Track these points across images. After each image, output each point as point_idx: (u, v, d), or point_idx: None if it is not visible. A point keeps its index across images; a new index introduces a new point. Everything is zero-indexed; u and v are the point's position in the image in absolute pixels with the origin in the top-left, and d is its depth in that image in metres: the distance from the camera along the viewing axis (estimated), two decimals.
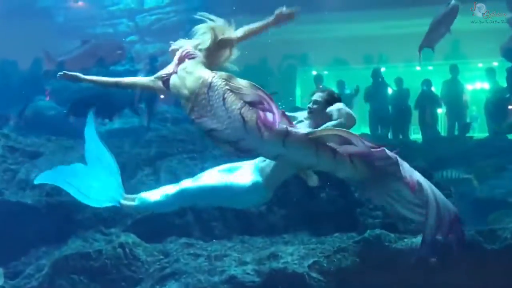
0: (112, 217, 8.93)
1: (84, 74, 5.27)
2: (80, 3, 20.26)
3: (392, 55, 18.93)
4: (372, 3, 16.78)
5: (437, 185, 7.61)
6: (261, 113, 4.58)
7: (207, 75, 4.81)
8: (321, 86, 17.36)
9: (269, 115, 4.57)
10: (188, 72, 4.90)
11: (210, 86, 4.70)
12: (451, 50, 18.70)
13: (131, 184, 9.45)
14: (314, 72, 18.86)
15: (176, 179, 9.58)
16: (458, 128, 15.29)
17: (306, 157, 4.66)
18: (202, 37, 5.08)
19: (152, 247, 8.15)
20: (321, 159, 4.67)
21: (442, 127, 16.40)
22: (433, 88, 15.47)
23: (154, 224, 8.56)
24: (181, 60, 5.03)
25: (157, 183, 9.35)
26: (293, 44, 18.70)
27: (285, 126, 4.58)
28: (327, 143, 4.67)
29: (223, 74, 4.81)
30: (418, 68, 17.01)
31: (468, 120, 16.14)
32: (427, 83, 15.23)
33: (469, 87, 17.49)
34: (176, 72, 4.99)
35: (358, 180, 4.87)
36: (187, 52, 5.02)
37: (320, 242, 7.96)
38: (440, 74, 16.36)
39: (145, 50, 18.11)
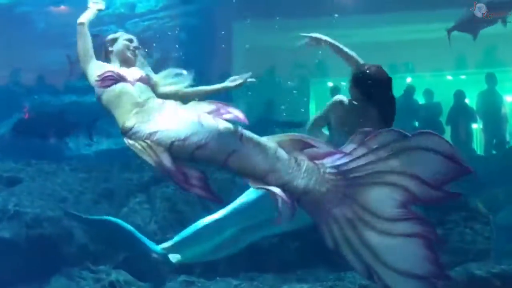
0: (101, 251, 8.96)
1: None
2: (62, 7, 20.42)
3: (419, 63, 18.97)
4: (395, 4, 16.85)
5: (474, 211, 7.62)
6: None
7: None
8: None
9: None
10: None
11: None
12: (486, 57, 18.73)
13: (122, 213, 9.51)
14: (331, 84, 18.91)
15: (173, 207, 9.69)
16: (496, 145, 15.27)
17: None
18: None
19: (146, 286, 8.15)
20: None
21: (477, 145, 16.39)
22: (467, 101, 15.49)
23: (149, 259, 8.56)
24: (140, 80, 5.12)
25: (152, 212, 9.42)
26: (306, 51, 18.80)
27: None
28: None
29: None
30: (449, 77, 17.10)
31: (507, 136, 16.11)
32: (460, 94, 15.26)
33: (508, 99, 17.47)
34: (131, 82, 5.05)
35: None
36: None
37: (338, 278, 7.95)
38: (475, 84, 16.38)
39: None
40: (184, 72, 5.39)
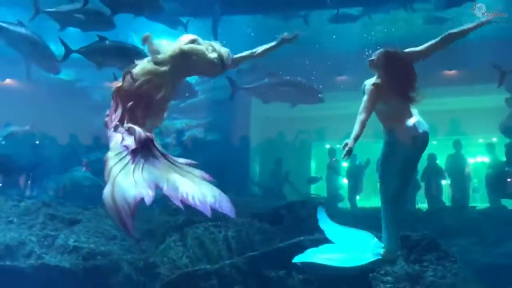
0: (143, 281, 8.94)
1: None
2: (115, 82, 20.70)
3: None
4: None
5: (444, 252, 7.57)
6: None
7: None
8: (334, 159, 17.52)
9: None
10: None
11: None
12: (452, 127, 18.86)
13: (159, 249, 9.50)
14: (328, 146, 19.03)
15: (202, 244, 9.67)
16: (461, 198, 15.25)
17: None
18: None
19: None
20: None
21: (446, 198, 16.33)
22: (437, 162, 15.52)
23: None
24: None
25: (185, 248, 9.41)
26: (309, 119, 18.98)
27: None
28: None
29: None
30: None
31: (470, 191, 16.10)
32: (433, 157, 15.29)
33: (471, 160, 17.48)
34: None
35: None
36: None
37: None
38: (444, 148, 16.42)
39: (173, 126, 18.38)
40: None
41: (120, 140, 4.74)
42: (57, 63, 12.86)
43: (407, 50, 5.78)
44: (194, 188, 4.90)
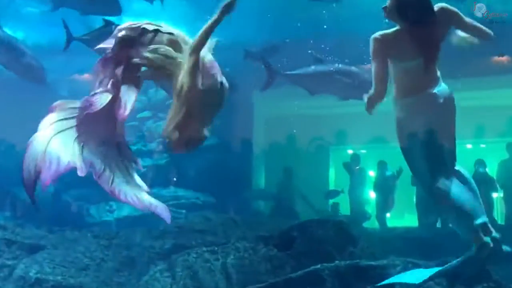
0: None
1: None
2: (86, 76, 20.79)
3: None
4: None
5: (496, 283, 7.59)
6: None
7: None
8: (357, 168, 17.52)
9: None
10: None
11: None
12: (507, 127, 18.78)
13: (142, 281, 9.52)
14: (350, 151, 18.98)
15: (194, 275, 9.70)
16: None
17: None
18: None
19: None
20: None
21: (498, 215, 16.30)
22: (487, 169, 15.48)
23: None
24: None
25: (173, 280, 9.43)
26: (325, 119, 18.97)
27: None
28: None
29: None
30: (469, 146, 17.06)
31: None
32: (481, 163, 15.24)
33: None
34: None
35: None
36: None
37: None
38: (495, 153, 16.38)
39: (158, 128, 18.40)
40: None
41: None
42: (43, 71, 13.01)
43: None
44: (131, 189, 5.17)
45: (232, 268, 9.34)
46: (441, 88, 6.10)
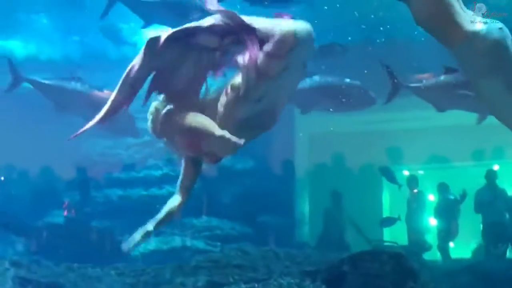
0: None
1: None
2: (106, 92, 21.06)
3: (510, 149, 18.87)
4: None
5: None
6: None
7: None
8: (415, 191, 17.42)
9: None
10: None
11: None
12: None
13: None
14: (406, 172, 18.90)
15: None
16: None
17: None
18: None
19: None
20: None
21: None
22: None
23: None
24: None
25: None
26: (377, 136, 18.92)
27: None
28: None
29: None
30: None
31: None
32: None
33: None
34: None
35: None
36: None
37: None
38: None
39: None
40: None
41: None
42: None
43: None
44: None
45: None
46: None
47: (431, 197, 17.49)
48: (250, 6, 13.63)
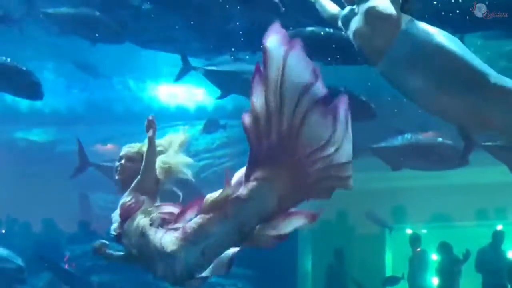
0: None
1: None
2: (108, 146, 21.15)
3: None
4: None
5: None
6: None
7: (140, 222, 5.14)
8: (418, 250, 17.40)
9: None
10: (130, 229, 5.15)
11: (142, 232, 5.05)
12: None
13: None
14: (409, 231, 18.85)
15: None
16: None
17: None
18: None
19: None
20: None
21: None
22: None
23: None
24: (124, 217, 5.20)
25: None
26: (379, 194, 18.93)
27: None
28: None
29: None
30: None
31: None
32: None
33: None
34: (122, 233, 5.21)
35: None
36: (127, 207, 5.23)
37: None
38: None
39: None
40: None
41: None
42: (40, 87, 13.58)
43: None
44: None
45: None
46: None
47: (434, 256, 17.41)
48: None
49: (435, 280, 17.05)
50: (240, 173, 4.84)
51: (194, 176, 5.37)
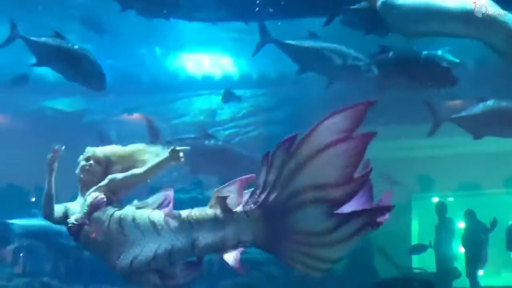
0: None
1: None
2: (135, 116, 21.22)
3: None
4: None
5: None
6: (166, 208, 5.64)
7: (117, 213, 5.66)
8: (445, 218, 17.34)
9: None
10: (100, 219, 5.63)
11: (120, 219, 5.58)
12: None
13: None
14: (435, 199, 18.82)
15: None
16: None
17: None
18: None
19: None
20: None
21: None
22: None
23: None
24: (94, 209, 5.65)
25: None
26: (406, 163, 18.89)
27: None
28: None
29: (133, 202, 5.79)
30: None
31: None
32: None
33: None
34: (87, 224, 5.65)
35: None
36: (100, 200, 5.70)
37: None
38: None
39: None
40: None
41: None
42: (104, 77, 14.12)
43: None
44: None
45: None
46: None
47: (461, 225, 17.37)
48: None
49: (461, 249, 17.00)
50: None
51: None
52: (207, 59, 20.29)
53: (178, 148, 5.65)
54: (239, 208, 5.43)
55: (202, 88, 20.99)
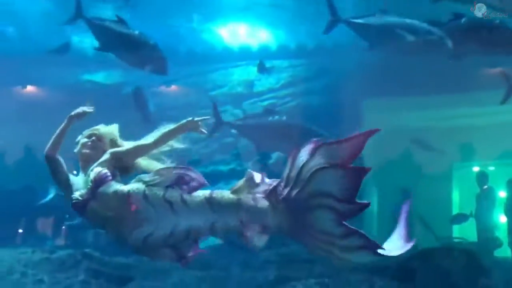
0: None
1: None
2: (173, 87, 21.27)
3: None
4: None
5: None
6: (184, 186, 5.38)
7: (124, 188, 5.49)
8: (485, 187, 17.22)
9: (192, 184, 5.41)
10: (106, 194, 5.49)
11: (129, 195, 5.41)
12: None
13: None
14: (476, 169, 18.66)
15: None
16: None
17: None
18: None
19: None
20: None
21: None
22: None
23: None
24: (98, 185, 5.51)
25: None
26: (446, 132, 18.73)
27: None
28: None
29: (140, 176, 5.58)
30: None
31: None
32: None
33: None
34: (92, 198, 5.51)
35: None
36: (104, 174, 5.56)
37: None
38: None
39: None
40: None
41: None
42: (166, 62, 14.61)
43: None
44: None
45: None
46: None
47: (502, 194, 17.23)
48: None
49: (503, 218, 16.89)
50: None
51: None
52: (243, 29, 20.20)
53: (197, 118, 5.60)
54: (263, 197, 5.33)
55: (240, 59, 20.95)
